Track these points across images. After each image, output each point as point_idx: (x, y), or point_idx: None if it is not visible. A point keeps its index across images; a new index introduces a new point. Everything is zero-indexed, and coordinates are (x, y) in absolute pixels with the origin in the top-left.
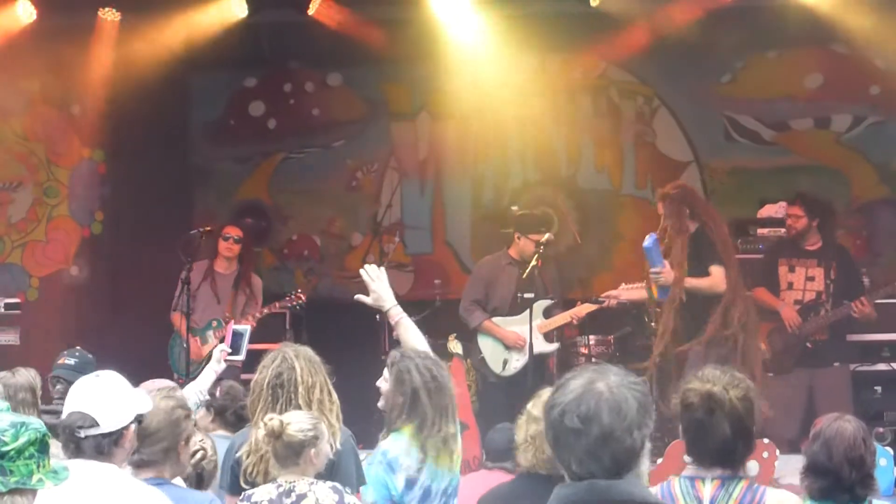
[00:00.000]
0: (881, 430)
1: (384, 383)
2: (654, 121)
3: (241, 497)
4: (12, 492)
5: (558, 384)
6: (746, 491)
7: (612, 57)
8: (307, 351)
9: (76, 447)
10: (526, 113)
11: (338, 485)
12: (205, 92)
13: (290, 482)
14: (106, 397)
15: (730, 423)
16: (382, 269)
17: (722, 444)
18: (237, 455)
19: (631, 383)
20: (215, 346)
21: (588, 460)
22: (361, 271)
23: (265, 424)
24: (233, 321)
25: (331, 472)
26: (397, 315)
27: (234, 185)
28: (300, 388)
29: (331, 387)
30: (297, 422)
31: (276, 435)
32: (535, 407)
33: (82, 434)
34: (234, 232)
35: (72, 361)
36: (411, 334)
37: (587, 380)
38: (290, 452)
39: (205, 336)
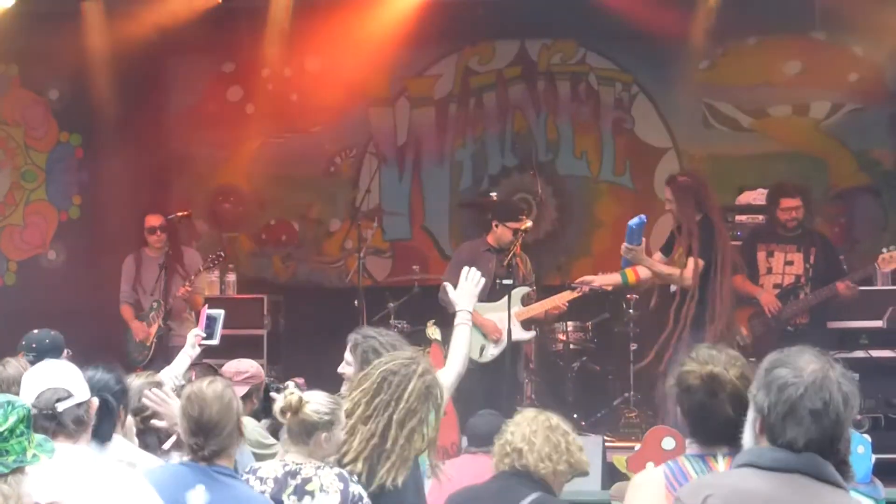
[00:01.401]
0: (859, 417)
1: (348, 367)
2: (632, 107)
3: (247, 469)
4: (14, 471)
5: (780, 360)
6: None
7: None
8: (433, 378)
9: (57, 424)
10: (504, 99)
11: (344, 472)
12: (183, 77)
13: (298, 463)
14: (64, 371)
15: (731, 402)
16: (482, 280)
17: (725, 424)
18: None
19: (851, 378)
20: (158, 325)
21: (817, 437)
22: (465, 269)
23: (285, 397)
24: (206, 305)
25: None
26: (458, 321)
27: (211, 170)
28: (400, 405)
29: (431, 426)
30: (315, 402)
31: (293, 410)
32: (549, 419)
33: (60, 408)
34: (154, 222)
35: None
36: (455, 343)
37: (821, 366)
38: (303, 431)
39: (148, 319)
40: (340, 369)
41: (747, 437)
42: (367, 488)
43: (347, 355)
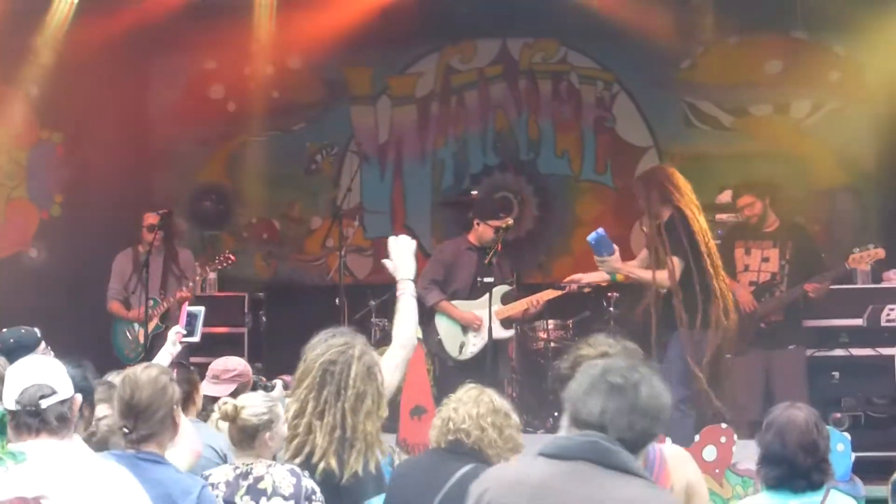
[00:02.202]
0: (838, 415)
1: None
2: (614, 106)
3: (206, 472)
4: None
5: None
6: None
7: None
8: (372, 356)
9: (41, 420)
10: (486, 98)
11: (296, 468)
12: (164, 74)
13: (248, 464)
14: (48, 367)
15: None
16: (413, 242)
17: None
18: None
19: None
20: (156, 323)
21: (613, 414)
22: (390, 239)
23: (219, 408)
24: (187, 302)
25: (338, 490)
26: (402, 289)
27: (193, 168)
28: (348, 392)
29: (384, 400)
30: (251, 405)
31: (230, 419)
32: (493, 401)
33: (44, 405)
34: (152, 220)
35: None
36: (401, 317)
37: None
38: (245, 436)
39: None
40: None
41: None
42: (340, 480)
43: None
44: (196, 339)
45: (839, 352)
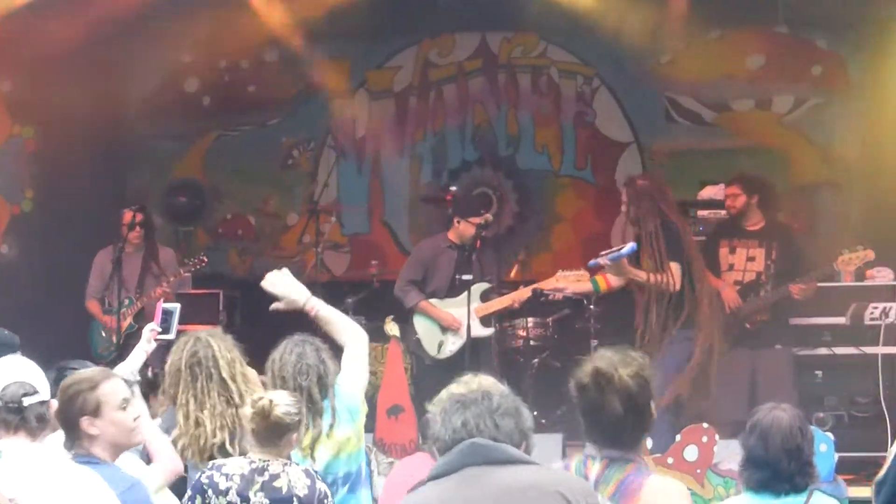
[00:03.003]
0: (821, 415)
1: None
2: (594, 101)
3: (210, 465)
4: None
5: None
6: (631, 474)
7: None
8: (219, 331)
9: (21, 418)
10: (464, 92)
11: (311, 469)
12: (139, 68)
13: (265, 461)
14: (29, 369)
15: (620, 399)
16: (284, 270)
17: (616, 422)
18: (170, 439)
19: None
20: (129, 322)
21: (473, 420)
22: (263, 284)
23: (253, 403)
24: (162, 299)
25: None
26: (314, 308)
27: (167, 164)
28: (220, 362)
29: (246, 365)
30: (284, 404)
31: (265, 415)
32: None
33: (26, 402)
34: (129, 217)
35: None
36: (333, 325)
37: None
38: (272, 434)
39: (119, 314)
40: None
41: None
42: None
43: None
44: (171, 336)
45: (822, 351)
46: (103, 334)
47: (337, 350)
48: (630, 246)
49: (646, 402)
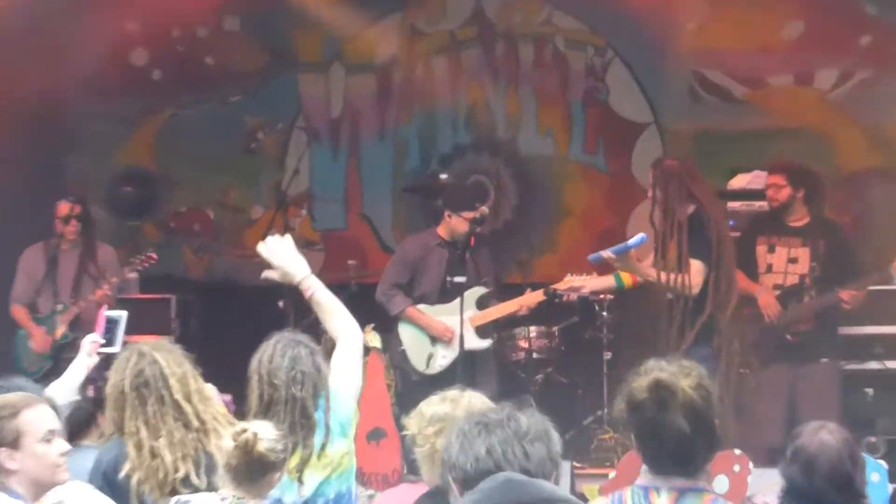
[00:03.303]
0: (873, 439)
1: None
2: (606, 76)
3: (173, 501)
4: None
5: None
6: None
7: None
8: (165, 343)
9: None
10: (457, 65)
11: None
12: (77, 38)
13: (240, 498)
14: None
15: (685, 415)
16: (287, 236)
17: (679, 443)
18: (120, 476)
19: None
20: (63, 332)
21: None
22: (259, 247)
23: (236, 435)
24: (105, 306)
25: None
26: (311, 288)
27: (112, 148)
28: (171, 381)
29: (201, 380)
30: (269, 438)
31: (248, 449)
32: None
33: None
34: (65, 210)
35: None
36: (328, 313)
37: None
38: (254, 471)
39: (51, 323)
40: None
41: None
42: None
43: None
44: (116, 348)
45: (873, 365)
46: (31, 346)
47: None
48: (639, 237)
49: (713, 418)
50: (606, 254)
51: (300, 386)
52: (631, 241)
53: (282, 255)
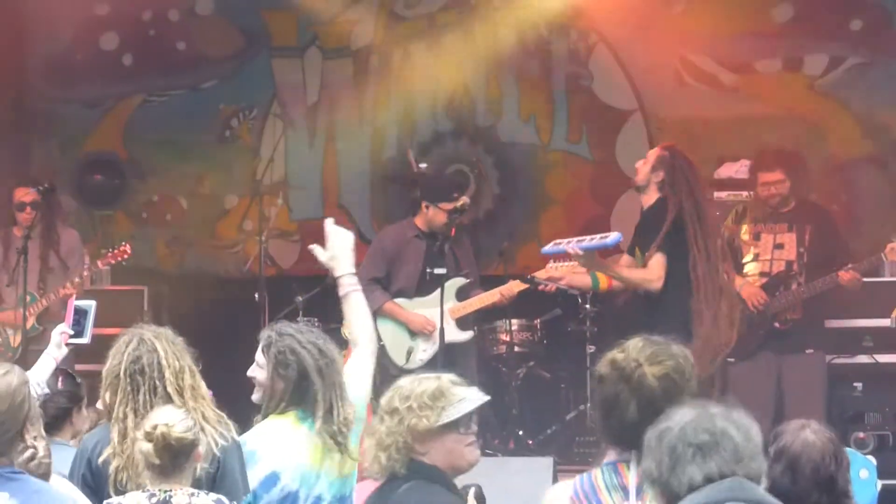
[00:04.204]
0: (862, 435)
1: (259, 371)
2: (590, 61)
3: None
4: None
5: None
6: None
7: None
8: (168, 332)
9: None
10: (436, 50)
11: (223, 498)
12: (44, 20)
13: (166, 491)
14: None
15: (637, 401)
16: (350, 234)
17: (630, 425)
18: (100, 460)
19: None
20: (32, 324)
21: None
22: (328, 222)
23: (148, 435)
24: (74, 296)
25: (213, 480)
26: (347, 286)
27: (80, 134)
28: (166, 373)
29: (199, 375)
30: (179, 420)
31: (165, 441)
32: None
33: None
34: (25, 197)
35: None
36: (356, 316)
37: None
38: (175, 458)
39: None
40: (250, 372)
41: None
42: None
43: (259, 356)
44: (86, 340)
45: (862, 358)
46: (5, 328)
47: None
48: (615, 236)
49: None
50: (573, 248)
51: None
52: (608, 240)
53: (340, 243)
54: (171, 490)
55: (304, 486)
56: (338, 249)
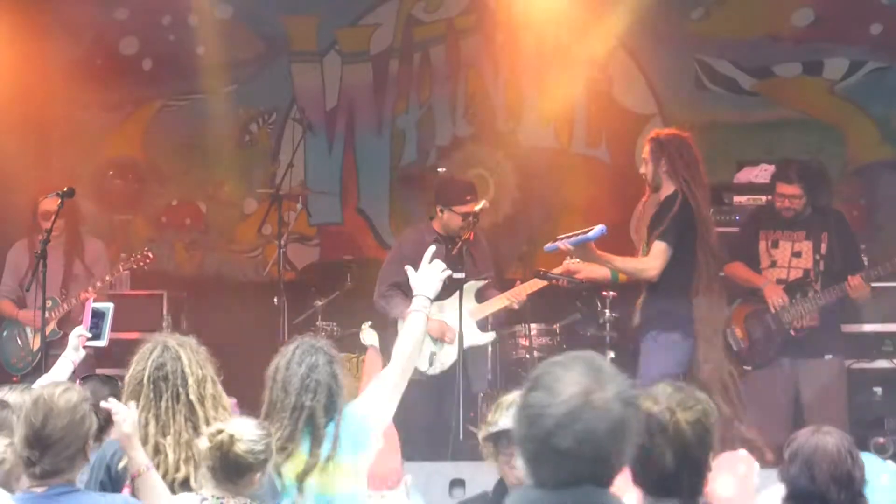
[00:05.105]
0: (882, 440)
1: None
2: (610, 65)
3: None
4: None
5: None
6: None
7: None
8: (192, 341)
9: None
10: (456, 54)
11: None
12: (65, 26)
13: (219, 498)
14: None
15: (672, 450)
16: (447, 271)
17: (662, 474)
18: (119, 466)
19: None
20: (53, 328)
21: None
22: (431, 247)
23: (211, 437)
24: (91, 298)
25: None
26: (415, 307)
27: (100, 139)
28: (189, 381)
29: (220, 386)
30: (248, 439)
31: (224, 451)
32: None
33: None
34: (50, 206)
35: None
36: (409, 336)
37: (583, 387)
38: (231, 471)
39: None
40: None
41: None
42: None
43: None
44: (103, 342)
45: (882, 363)
46: (19, 342)
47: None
48: (598, 229)
49: (704, 454)
50: (563, 244)
51: (312, 395)
52: (591, 233)
53: (432, 270)
54: (223, 497)
55: (286, 497)
56: (425, 273)
